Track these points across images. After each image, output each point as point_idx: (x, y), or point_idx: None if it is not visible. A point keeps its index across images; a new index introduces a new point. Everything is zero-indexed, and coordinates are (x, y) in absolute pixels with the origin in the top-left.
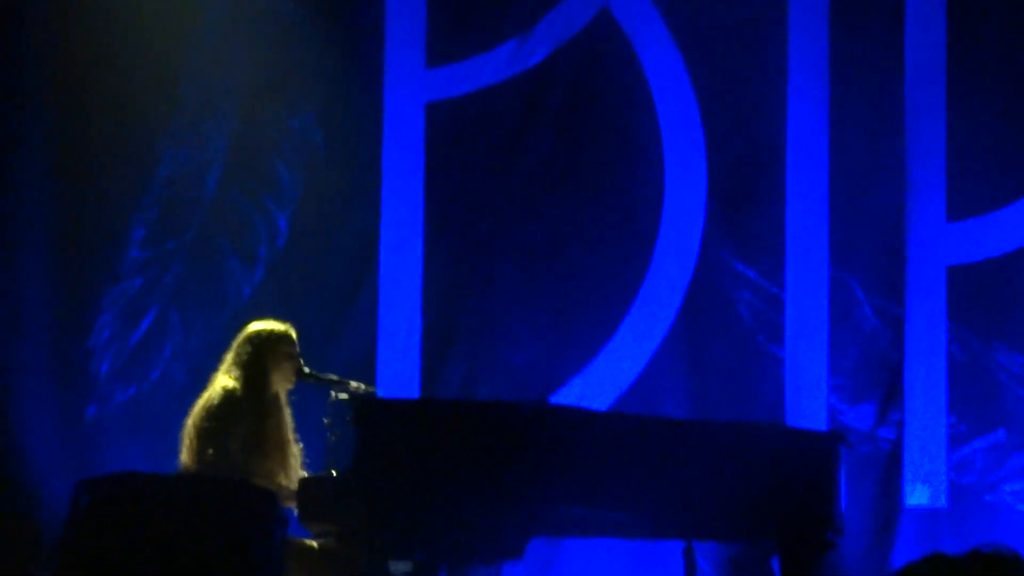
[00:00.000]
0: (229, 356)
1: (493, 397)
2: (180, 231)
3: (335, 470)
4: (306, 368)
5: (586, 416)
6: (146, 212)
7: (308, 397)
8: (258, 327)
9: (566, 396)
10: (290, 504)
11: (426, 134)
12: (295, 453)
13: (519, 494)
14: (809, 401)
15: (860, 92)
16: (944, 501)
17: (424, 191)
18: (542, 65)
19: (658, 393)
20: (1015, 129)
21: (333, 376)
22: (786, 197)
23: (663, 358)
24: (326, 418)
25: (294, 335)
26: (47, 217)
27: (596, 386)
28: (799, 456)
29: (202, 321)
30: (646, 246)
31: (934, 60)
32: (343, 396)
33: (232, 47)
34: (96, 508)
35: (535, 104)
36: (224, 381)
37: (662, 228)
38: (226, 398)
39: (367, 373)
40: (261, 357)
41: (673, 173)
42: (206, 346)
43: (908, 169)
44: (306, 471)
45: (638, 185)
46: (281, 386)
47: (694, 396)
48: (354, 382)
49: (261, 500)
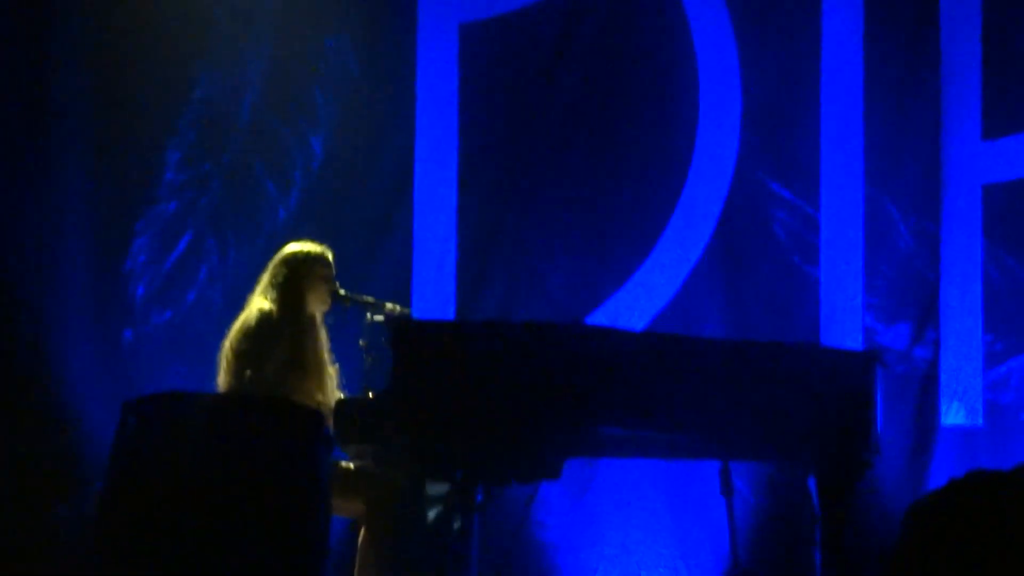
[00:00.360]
0: (265, 278)
1: (529, 317)
2: (215, 154)
3: (371, 392)
4: (342, 290)
5: (622, 336)
6: (181, 135)
7: (344, 319)
8: (294, 248)
9: (602, 317)
10: (327, 425)
11: (460, 55)
12: (332, 374)
13: (556, 414)
14: (844, 321)
15: (895, 10)
16: (981, 420)
17: (459, 112)
18: None
19: (694, 313)
20: None
21: (369, 298)
22: (821, 116)
23: (699, 279)
24: (362, 340)
25: (330, 257)
26: (82, 142)
27: (632, 307)
28: (835, 376)
29: (238, 244)
30: (681, 167)
31: None
32: (379, 318)
33: None
34: (144, 427)
35: (571, 26)
36: (260, 303)
37: (697, 149)
38: (262, 320)
39: (403, 295)
40: (297, 279)
41: (708, 94)
42: (242, 269)
43: (943, 87)
44: (343, 392)
45: (673, 106)
46: (317, 308)
47: (730, 316)
48: (390, 304)
49: (307, 418)
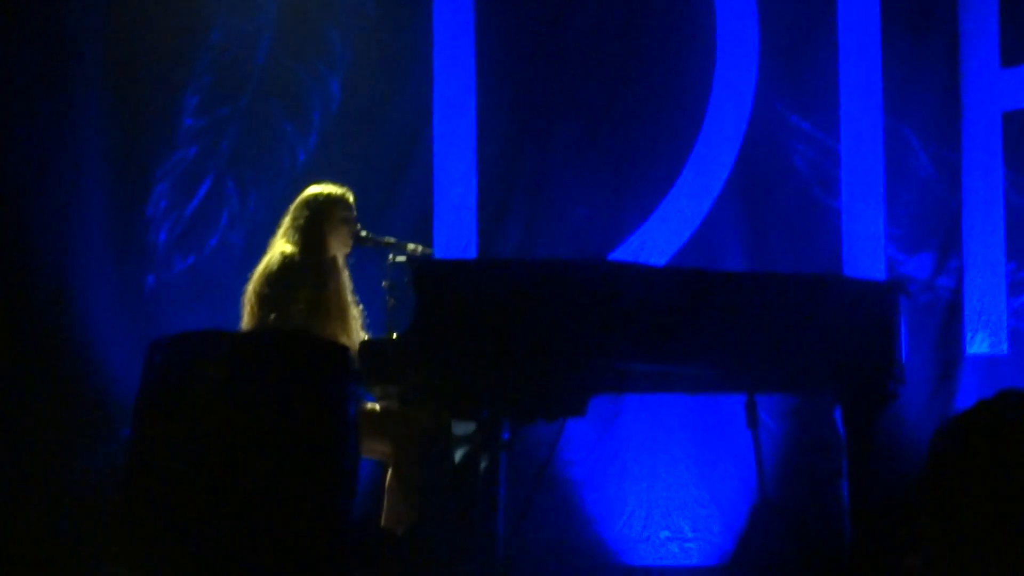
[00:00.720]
0: (286, 220)
1: (551, 255)
2: (234, 98)
3: (395, 332)
4: (363, 231)
5: (645, 271)
6: (199, 79)
7: (366, 260)
8: (315, 191)
9: (624, 252)
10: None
11: None
12: (355, 316)
13: (580, 351)
14: (867, 252)
15: None
16: (1005, 348)
17: (476, 50)
18: None
19: (716, 247)
20: None
21: (390, 239)
22: (839, 48)
23: (720, 212)
24: (385, 281)
25: (351, 198)
26: (100, 88)
27: (654, 241)
28: (859, 307)
29: (258, 188)
30: (701, 100)
31: None
32: (401, 258)
33: None
34: (171, 366)
35: None
36: (282, 246)
37: (716, 82)
38: (285, 263)
39: (424, 234)
40: (319, 221)
41: (725, 28)
42: (263, 213)
43: (961, 15)
44: (367, 334)
45: (691, 41)
46: (339, 249)
47: (752, 249)
48: (411, 244)
49: (335, 354)
